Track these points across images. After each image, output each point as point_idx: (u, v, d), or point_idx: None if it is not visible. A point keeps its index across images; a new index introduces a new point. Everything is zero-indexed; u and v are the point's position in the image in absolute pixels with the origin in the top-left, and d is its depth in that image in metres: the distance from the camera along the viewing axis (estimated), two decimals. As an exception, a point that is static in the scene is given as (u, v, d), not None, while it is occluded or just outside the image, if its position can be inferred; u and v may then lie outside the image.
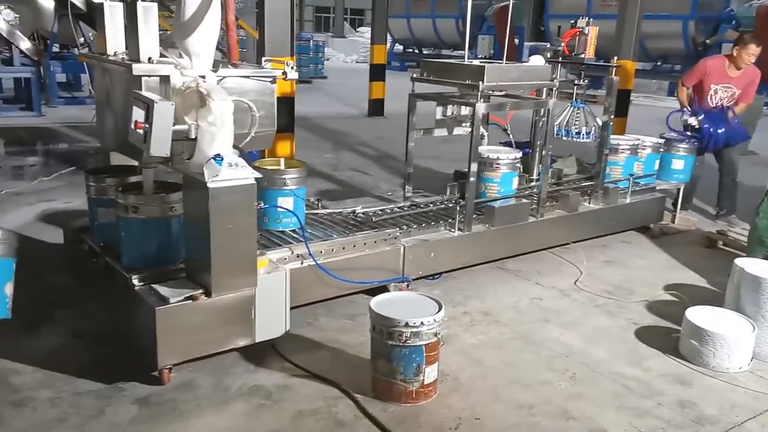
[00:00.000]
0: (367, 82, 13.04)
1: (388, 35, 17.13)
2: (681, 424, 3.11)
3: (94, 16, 8.94)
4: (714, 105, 6.09)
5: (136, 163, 3.88)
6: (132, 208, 3.43)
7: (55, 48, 11.55)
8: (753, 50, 5.85)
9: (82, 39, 12.35)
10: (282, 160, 4.46)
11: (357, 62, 26.83)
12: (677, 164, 6.06)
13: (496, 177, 4.89)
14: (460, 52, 23.89)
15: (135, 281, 3.31)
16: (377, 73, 12.62)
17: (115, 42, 3.61)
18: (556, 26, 19.50)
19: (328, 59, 22.69)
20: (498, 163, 4.87)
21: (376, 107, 12.58)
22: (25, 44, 10.73)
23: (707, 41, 17.48)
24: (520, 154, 5.05)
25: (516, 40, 19.99)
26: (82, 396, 3.13)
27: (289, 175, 4.13)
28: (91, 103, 11.71)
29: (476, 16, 22.57)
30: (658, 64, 19.10)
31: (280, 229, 4.15)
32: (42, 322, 3.80)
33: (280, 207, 4.07)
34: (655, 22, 15.16)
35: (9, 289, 3.10)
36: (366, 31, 29.16)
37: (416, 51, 26.06)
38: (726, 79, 6.04)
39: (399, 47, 25.98)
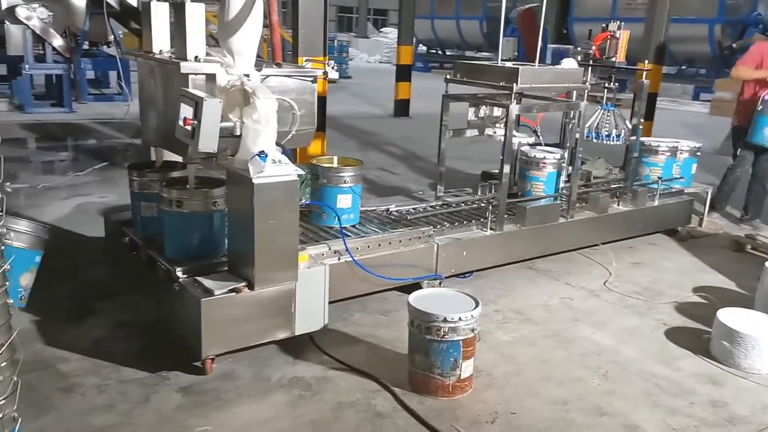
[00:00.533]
0: (392, 82, 13.12)
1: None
2: (714, 423, 3.15)
3: (125, 15, 9.04)
4: None
5: (177, 158, 4.02)
6: (176, 203, 3.53)
7: (85, 45, 11.77)
8: None
9: (112, 36, 12.60)
10: (335, 158, 4.57)
11: (380, 62, 26.93)
12: None
13: (541, 176, 5.01)
14: (483, 53, 23.94)
15: (179, 273, 3.41)
16: (403, 73, 12.69)
17: (160, 40, 3.73)
18: (580, 29, 19.53)
19: (351, 59, 22.79)
20: (544, 163, 4.99)
21: (402, 107, 12.66)
22: (58, 41, 10.95)
23: (734, 45, 17.35)
24: (565, 153, 5.19)
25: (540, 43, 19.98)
26: (128, 383, 3.24)
27: (348, 173, 4.27)
28: (120, 100, 11.99)
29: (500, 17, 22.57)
30: (683, 67, 19.00)
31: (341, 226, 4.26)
32: (86, 312, 3.92)
33: (323, 204, 4.21)
34: (680, 26, 15.07)
35: (25, 279, 3.17)
36: (389, 32, 29.26)
37: (439, 52, 26.11)
38: None
39: (422, 48, 26.03)
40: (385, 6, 39.77)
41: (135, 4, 8.87)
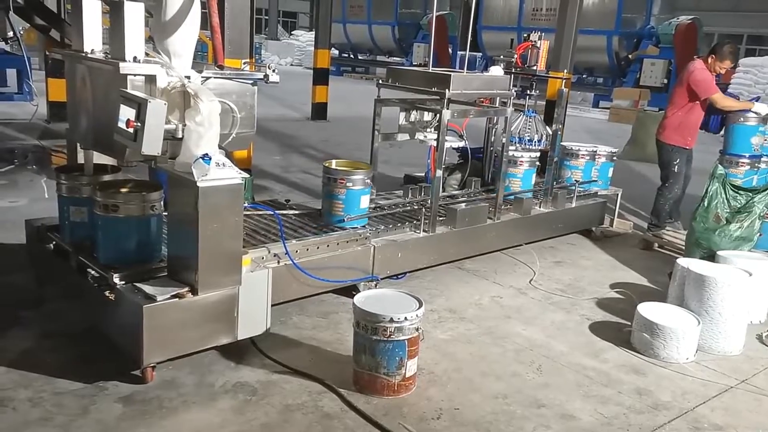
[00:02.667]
0: (306, 85, 13.09)
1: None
2: (640, 409, 3.38)
3: (29, 10, 8.60)
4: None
5: (107, 160, 3.90)
6: (112, 207, 3.43)
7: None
8: (727, 65, 5.94)
9: (11, 32, 11.89)
10: (334, 161, 4.68)
11: (292, 65, 26.73)
12: None
13: (519, 173, 5.66)
14: (395, 58, 24.28)
15: (116, 280, 3.30)
16: (320, 77, 12.68)
17: (91, 39, 3.60)
18: (488, 37, 20.20)
19: (263, 61, 22.52)
20: (522, 161, 5.60)
21: (320, 111, 12.65)
22: (-51, 36, 10.25)
23: (629, 56, 18.46)
24: (539, 154, 5.74)
25: (449, 49, 20.53)
26: (63, 395, 3.11)
27: (369, 175, 4.55)
28: (20, 100, 11.34)
29: (412, 24, 23.02)
30: (584, 76, 20.00)
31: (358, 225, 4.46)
32: (10, 322, 3.73)
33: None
34: (581, 37, 15.84)
35: None
36: (300, 34, 29.09)
37: (352, 56, 26.26)
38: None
39: (335, 52, 26.09)
40: (295, 9, 39.52)
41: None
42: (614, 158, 6.43)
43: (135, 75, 3.19)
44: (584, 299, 4.79)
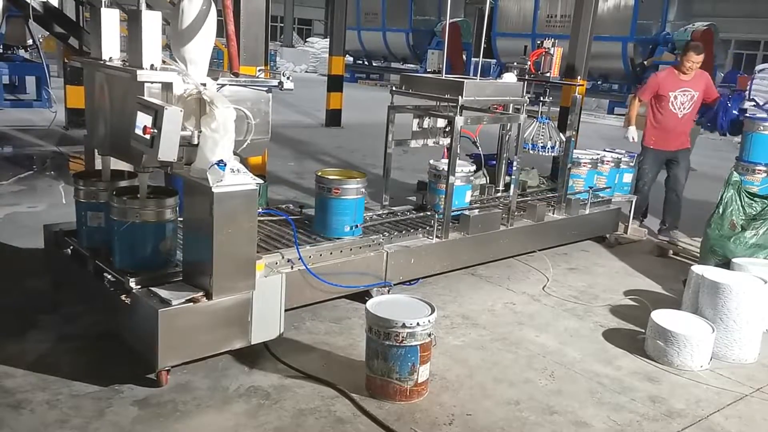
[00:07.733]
0: (320, 91, 13.16)
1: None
2: (654, 417, 3.36)
3: (49, 18, 8.74)
4: (676, 110, 6.30)
5: (124, 166, 3.95)
6: (128, 212, 3.47)
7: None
8: (692, 58, 6.17)
9: (31, 40, 12.09)
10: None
11: (306, 72, 26.88)
12: None
13: (582, 173, 6.02)
14: (409, 65, 24.35)
15: (132, 284, 3.34)
16: (335, 83, 12.75)
17: (110, 47, 3.66)
18: (503, 44, 20.20)
19: (278, 68, 22.67)
20: (586, 163, 5.93)
21: (334, 117, 12.71)
22: (-31, 44, 10.43)
23: (645, 62, 18.37)
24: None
25: (464, 57, 20.54)
26: (79, 398, 3.15)
27: (471, 172, 5.14)
28: (39, 107, 11.51)
29: (426, 31, 23.08)
30: (598, 83, 19.92)
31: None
32: (28, 326, 3.78)
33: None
34: (596, 43, 15.79)
35: None
36: (315, 42, 29.22)
37: (366, 63, 26.36)
38: (681, 84, 6.27)
39: (349, 59, 26.21)
40: (310, 16, 39.75)
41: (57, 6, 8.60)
42: (632, 165, 6.41)
43: (152, 82, 3.24)
44: (598, 306, 4.78)
